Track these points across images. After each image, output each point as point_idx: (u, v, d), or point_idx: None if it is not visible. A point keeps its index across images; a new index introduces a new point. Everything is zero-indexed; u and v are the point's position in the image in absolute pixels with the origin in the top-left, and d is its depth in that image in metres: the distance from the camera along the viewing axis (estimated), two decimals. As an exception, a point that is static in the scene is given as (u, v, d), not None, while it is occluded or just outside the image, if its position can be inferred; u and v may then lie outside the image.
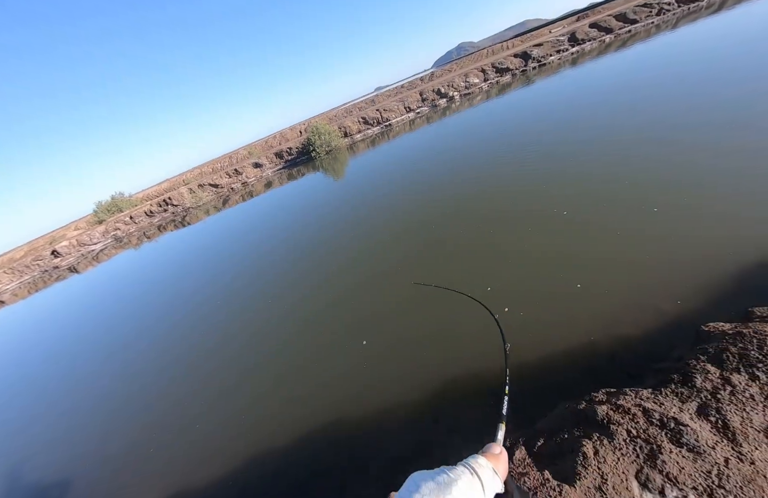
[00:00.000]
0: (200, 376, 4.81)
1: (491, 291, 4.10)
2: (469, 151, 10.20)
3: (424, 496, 0.51)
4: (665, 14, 24.17)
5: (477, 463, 0.60)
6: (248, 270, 8.05)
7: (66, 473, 4.02)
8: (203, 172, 32.36)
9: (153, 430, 4.14)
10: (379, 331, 4.24)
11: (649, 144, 6.05)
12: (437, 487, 0.52)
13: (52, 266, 24.09)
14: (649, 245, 3.83)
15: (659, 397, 2.08)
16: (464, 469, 0.57)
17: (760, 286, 2.84)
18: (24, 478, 4.22)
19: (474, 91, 23.39)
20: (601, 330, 3.10)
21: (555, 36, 26.08)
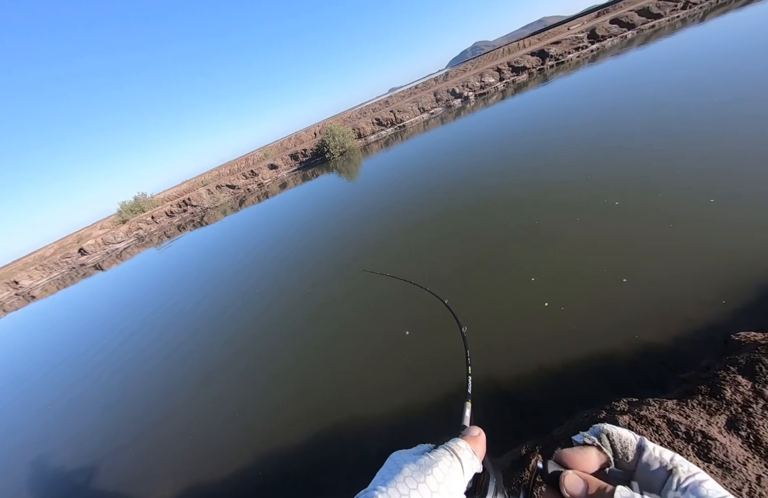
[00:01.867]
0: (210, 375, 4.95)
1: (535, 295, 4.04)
2: (480, 155, 10.08)
3: (405, 477, 0.52)
4: (692, 7, 23.19)
5: (457, 446, 0.61)
6: (260, 268, 8.21)
7: (73, 461, 4.21)
8: (221, 174, 33.23)
9: (172, 426, 4.28)
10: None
11: (677, 148, 5.82)
12: (418, 468, 0.54)
13: (79, 263, 25.29)
14: (675, 249, 3.67)
15: (685, 409, 2.00)
16: (444, 451, 0.59)
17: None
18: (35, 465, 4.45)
19: (489, 91, 23.08)
20: (621, 336, 3.00)
21: (574, 33, 25.43)
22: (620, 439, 0.58)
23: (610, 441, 0.58)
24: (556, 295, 3.72)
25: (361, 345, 4.34)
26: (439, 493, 0.53)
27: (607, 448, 0.58)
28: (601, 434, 0.59)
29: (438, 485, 0.54)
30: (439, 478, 0.54)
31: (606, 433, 0.59)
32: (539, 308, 3.64)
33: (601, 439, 0.58)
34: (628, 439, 0.58)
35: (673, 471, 0.51)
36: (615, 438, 0.58)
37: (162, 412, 4.62)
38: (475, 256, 5.10)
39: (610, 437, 0.59)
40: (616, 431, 0.59)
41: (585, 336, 3.15)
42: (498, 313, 3.88)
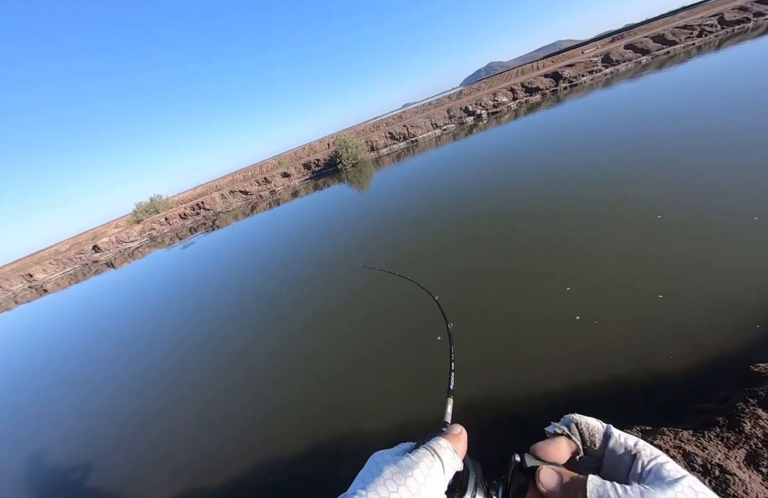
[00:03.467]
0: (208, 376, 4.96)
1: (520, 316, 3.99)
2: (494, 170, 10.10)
3: (386, 480, 0.52)
4: (707, 36, 23.20)
5: (438, 445, 0.60)
6: (267, 272, 8.29)
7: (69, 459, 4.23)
8: (235, 179, 33.97)
9: (164, 433, 4.29)
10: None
11: (703, 168, 5.76)
12: (399, 470, 0.54)
13: (92, 260, 25.90)
14: (693, 274, 3.60)
15: (702, 441, 1.92)
16: (426, 451, 0.58)
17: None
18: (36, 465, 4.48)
19: (502, 110, 23.26)
20: (634, 362, 2.91)
21: (588, 57, 25.62)
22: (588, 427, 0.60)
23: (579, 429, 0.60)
24: (588, 310, 3.66)
25: (357, 346, 4.32)
26: (419, 494, 0.53)
27: (576, 436, 0.59)
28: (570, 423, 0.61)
29: (419, 487, 0.53)
30: (419, 480, 0.54)
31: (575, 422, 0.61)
32: (567, 321, 3.58)
33: (570, 428, 0.60)
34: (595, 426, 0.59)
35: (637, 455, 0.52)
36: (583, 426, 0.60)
37: (160, 412, 4.64)
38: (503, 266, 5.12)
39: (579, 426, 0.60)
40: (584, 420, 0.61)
41: (594, 359, 3.08)
42: (523, 324, 3.83)
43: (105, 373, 6.42)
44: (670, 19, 32.46)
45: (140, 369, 6.02)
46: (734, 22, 23.26)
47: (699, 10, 32.98)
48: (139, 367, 6.11)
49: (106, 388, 5.81)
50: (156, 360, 6.13)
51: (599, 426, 0.60)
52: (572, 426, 0.61)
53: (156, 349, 6.59)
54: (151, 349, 6.67)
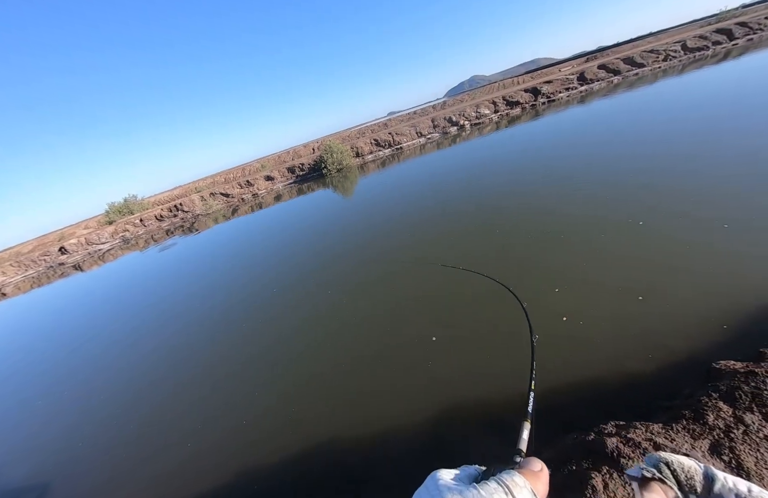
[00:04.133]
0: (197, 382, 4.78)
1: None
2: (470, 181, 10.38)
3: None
4: (672, 60, 24.93)
5: (513, 482, 0.52)
6: (249, 275, 8.10)
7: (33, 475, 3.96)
8: (216, 181, 33.07)
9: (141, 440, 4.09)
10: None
11: (671, 178, 6.15)
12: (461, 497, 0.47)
13: (57, 262, 24.39)
14: (660, 280, 3.83)
15: (670, 433, 2.05)
16: (497, 487, 0.50)
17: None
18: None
19: (484, 122, 23.98)
20: (607, 364, 3.07)
21: (564, 74, 26.91)
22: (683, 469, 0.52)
23: (672, 470, 0.52)
24: (548, 322, 3.79)
25: (359, 347, 4.29)
26: None
27: (670, 479, 0.52)
28: (659, 463, 0.54)
29: None
30: None
31: (665, 462, 0.53)
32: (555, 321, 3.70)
33: (661, 471, 0.53)
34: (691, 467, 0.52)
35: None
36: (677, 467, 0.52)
37: (137, 420, 4.42)
38: None
39: (671, 466, 0.53)
40: (677, 459, 0.53)
41: (571, 361, 3.21)
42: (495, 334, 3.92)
43: (76, 379, 6.04)
44: (638, 43, 34.71)
45: (114, 374, 5.71)
46: (696, 49, 25.15)
47: (664, 36, 35.43)
48: (113, 372, 5.80)
49: (79, 395, 5.47)
50: (129, 365, 5.84)
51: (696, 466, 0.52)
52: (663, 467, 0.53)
53: (131, 353, 6.28)
54: (125, 353, 6.35)
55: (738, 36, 25.41)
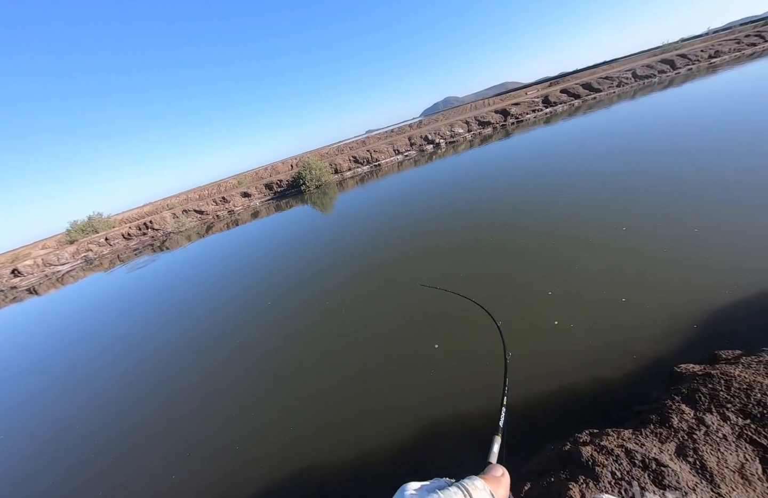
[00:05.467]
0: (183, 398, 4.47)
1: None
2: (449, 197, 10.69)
3: None
4: (624, 86, 27.23)
5: (473, 486, 0.57)
6: (224, 291, 7.80)
7: None
8: (189, 198, 31.92)
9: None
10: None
11: (619, 188, 6.60)
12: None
13: (9, 286, 22.37)
14: (625, 286, 4.06)
15: (640, 438, 2.14)
16: (458, 490, 0.55)
17: (725, 329, 3.06)
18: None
19: (459, 140, 24.91)
20: (582, 372, 3.18)
21: (531, 97, 28.64)
22: None
23: None
24: (524, 329, 3.90)
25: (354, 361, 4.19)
26: None
27: None
28: None
29: None
30: None
31: None
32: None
33: None
34: None
35: None
36: None
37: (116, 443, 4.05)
38: None
39: None
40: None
41: (547, 369, 3.30)
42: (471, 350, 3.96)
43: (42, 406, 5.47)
44: (595, 70, 37.73)
45: (80, 401, 5.23)
46: (644, 77, 27.63)
47: (617, 65, 38.73)
48: (77, 399, 5.31)
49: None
50: (93, 392, 5.38)
51: None
52: None
53: (95, 380, 5.79)
54: (88, 380, 5.85)
55: (679, 66, 28.23)
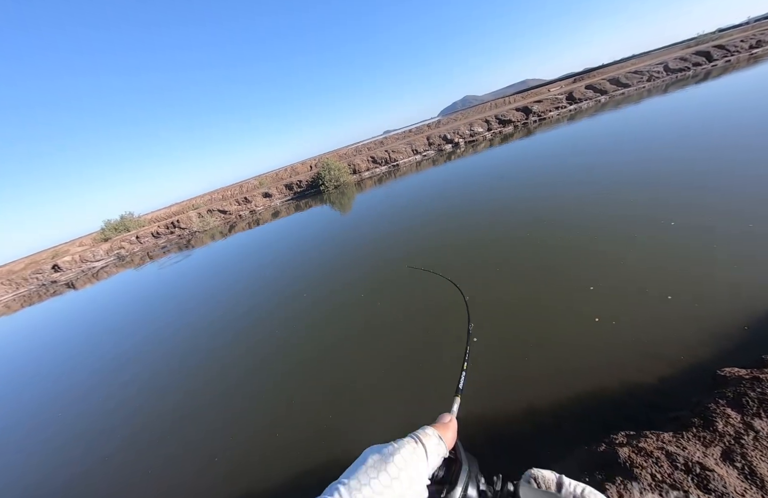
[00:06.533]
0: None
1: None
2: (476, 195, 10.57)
3: (368, 467, 0.54)
4: (655, 80, 25.99)
5: (423, 433, 0.64)
6: (244, 292, 8.05)
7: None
8: (213, 198, 33.12)
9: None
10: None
11: (661, 188, 6.33)
12: (381, 457, 0.56)
13: (50, 280, 23.99)
14: (672, 283, 3.90)
15: (681, 441, 2.07)
16: (410, 439, 0.62)
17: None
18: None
19: (478, 139, 24.57)
20: (618, 371, 3.07)
21: (554, 94, 27.84)
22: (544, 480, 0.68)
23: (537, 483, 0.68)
24: (543, 335, 3.83)
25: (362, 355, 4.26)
26: (399, 478, 0.55)
27: None
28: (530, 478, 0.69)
29: (399, 471, 0.55)
30: (400, 465, 0.56)
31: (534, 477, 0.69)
32: (530, 344, 3.72)
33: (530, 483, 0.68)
34: (550, 478, 0.67)
35: None
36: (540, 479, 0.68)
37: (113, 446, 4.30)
38: None
39: (537, 480, 0.68)
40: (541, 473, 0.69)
41: (569, 373, 3.22)
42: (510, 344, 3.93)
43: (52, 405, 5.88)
44: (623, 65, 36.19)
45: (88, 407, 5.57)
46: (677, 70, 26.28)
47: (647, 58, 37.04)
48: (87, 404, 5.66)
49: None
50: (110, 392, 5.71)
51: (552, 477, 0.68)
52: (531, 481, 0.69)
53: (114, 378, 6.15)
54: (107, 379, 6.21)
55: (716, 58, 26.66)
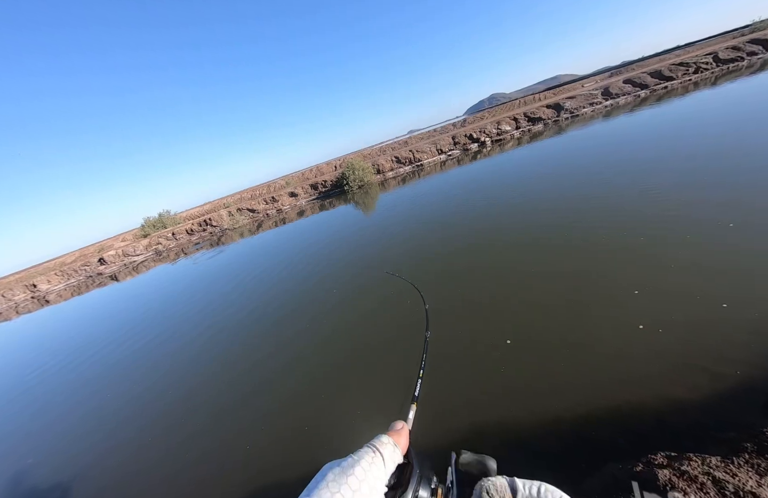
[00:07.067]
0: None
1: (512, 345, 4.00)
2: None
3: (329, 482, 0.54)
4: (703, 72, 24.05)
5: (380, 442, 0.66)
6: (266, 287, 8.32)
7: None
8: (243, 197, 34.54)
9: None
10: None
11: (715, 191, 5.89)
12: (341, 470, 0.56)
13: (96, 273, 26.03)
14: (728, 290, 3.62)
15: (731, 467, 1.92)
16: (367, 449, 0.63)
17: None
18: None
19: (506, 138, 23.89)
20: (661, 384, 2.89)
21: (588, 90, 26.51)
22: (496, 489, 0.66)
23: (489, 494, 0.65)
24: (578, 344, 3.67)
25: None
26: (360, 491, 0.55)
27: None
28: (482, 492, 0.67)
29: (359, 483, 0.55)
30: (360, 476, 0.56)
31: (486, 488, 0.67)
32: (562, 356, 3.59)
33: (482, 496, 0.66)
34: (502, 485, 0.66)
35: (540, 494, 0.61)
36: (491, 489, 0.66)
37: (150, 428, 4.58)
38: None
39: (490, 491, 0.66)
40: (492, 483, 0.67)
41: (603, 386, 3.07)
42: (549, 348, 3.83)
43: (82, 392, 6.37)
44: (665, 57, 33.80)
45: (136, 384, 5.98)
46: (729, 61, 24.17)
47: (693, 49, 34.32)
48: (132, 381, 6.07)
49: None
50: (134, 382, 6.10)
51: (503, 482, 0.66)
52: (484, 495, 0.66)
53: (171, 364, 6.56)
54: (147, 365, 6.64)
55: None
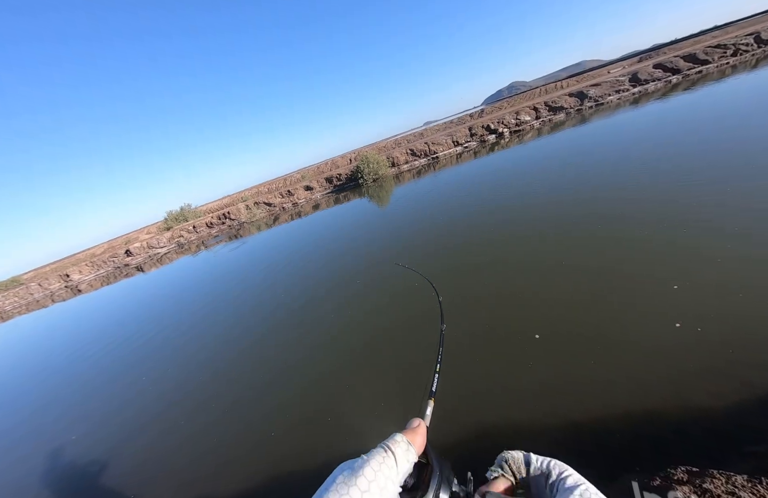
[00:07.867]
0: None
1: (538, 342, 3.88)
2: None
3: (338, 484, 0.53)
4: (743, 55, 22.34)
5: (393, 441, 0.63)
6: (281, 279, 8.46)
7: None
8: (260, 191, 35.22)
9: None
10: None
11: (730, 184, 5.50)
12: (351, 472, 0.55)
13: (123, 264, 27.33)
14: (730, 305, 3.40)
15: (759, 488, 1.79)
16: (379, 449, 0.61)
17: None
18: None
19: (525, 129, 23.13)
20: (669, 397, 2.75)
21: (614, 76, 25.21)
22: (514, 460, 0.67)
23: (508, 465, 0.66)
24: (596, 347, 3.52)
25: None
26: (369, 491, 0.53)
27: (508, 473, 0.66)
28: (502, 462, 0.68)
29: (368, 484, 0.54)
30: (369, 477, 0.54)
31: (505, 459, 0.68)
32: (578, 357, 3.46)
33: (503, 467, 0.67)
34: (518, 457, 0.67)
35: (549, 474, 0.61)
36: (510, 460, 0.67)
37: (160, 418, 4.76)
38: None
39: (508, 462, 0.67)
40: (511, 455, 0.68)
41: (622, 390, 2.93)
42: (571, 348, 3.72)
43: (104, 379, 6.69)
44: (701, 39, 31.56)
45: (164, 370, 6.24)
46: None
47: (732, 29, 31.90)
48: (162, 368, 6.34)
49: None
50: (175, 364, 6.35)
51: (519, 456, 0.67)
52: (504, 464, 0.67)
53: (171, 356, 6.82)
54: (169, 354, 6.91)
55: (830, 23, 22.17)
